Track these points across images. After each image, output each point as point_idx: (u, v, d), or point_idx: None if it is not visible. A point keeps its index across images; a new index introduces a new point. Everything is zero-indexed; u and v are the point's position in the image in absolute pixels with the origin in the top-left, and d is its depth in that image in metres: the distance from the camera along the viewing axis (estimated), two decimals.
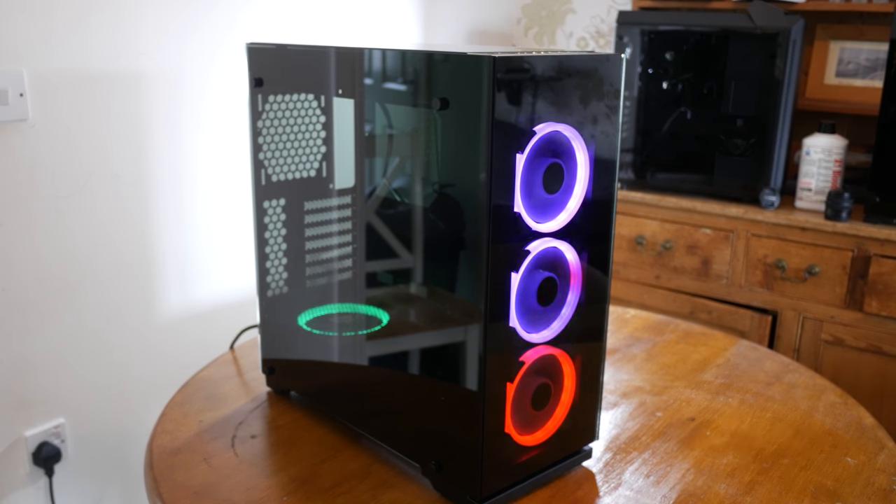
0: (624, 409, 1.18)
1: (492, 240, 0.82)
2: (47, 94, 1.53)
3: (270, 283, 1.14)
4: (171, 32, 1.71)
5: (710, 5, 2.22)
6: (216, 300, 1.92)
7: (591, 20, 2.63)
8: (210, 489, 0.95)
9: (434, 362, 0.93)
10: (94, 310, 1.68)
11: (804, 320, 1.98)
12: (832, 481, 1.00)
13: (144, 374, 1.79)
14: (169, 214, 1.78)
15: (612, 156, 0.92)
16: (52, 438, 1.65)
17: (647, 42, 2.14)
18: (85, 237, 1.64)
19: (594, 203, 0.91)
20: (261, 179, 1.10)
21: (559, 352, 0.93)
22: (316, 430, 1.09)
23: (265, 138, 1.08)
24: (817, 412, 1.18)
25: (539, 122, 0.83)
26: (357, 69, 0.94)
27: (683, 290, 2.15)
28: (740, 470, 1.02)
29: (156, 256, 1.78)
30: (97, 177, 1.64)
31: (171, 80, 1.73)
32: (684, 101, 2.11)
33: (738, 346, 1.42)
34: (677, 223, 2.13)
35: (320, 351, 1.09)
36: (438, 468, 0.92)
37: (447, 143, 0.85)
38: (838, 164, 1.97)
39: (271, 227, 1.11)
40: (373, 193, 0.97)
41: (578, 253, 0.91)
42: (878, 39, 2.13)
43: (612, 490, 0.97)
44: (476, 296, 0.84)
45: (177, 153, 1.77)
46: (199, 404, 1.16)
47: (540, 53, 0.82)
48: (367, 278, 1.01)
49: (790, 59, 1.93)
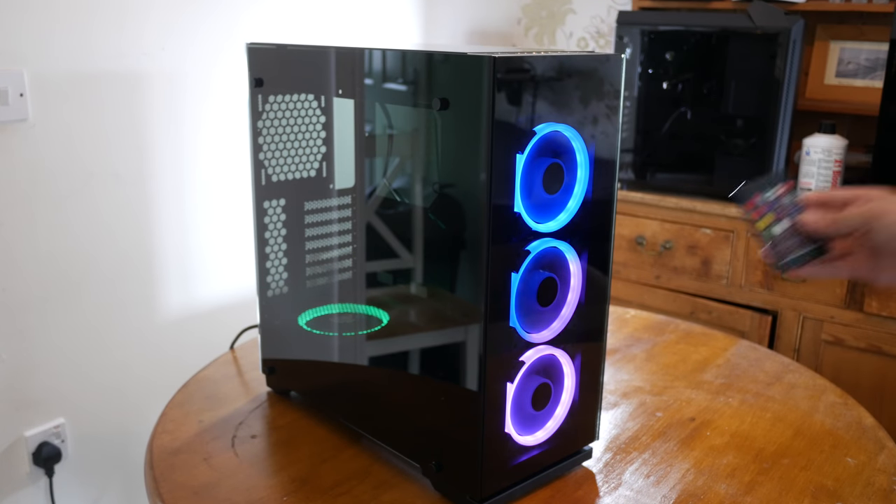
0: (624, 409, 1.18)
1: (492, 240, 0.82)
2: (47, 94, 1.53)
3: (270, 283, 1.14)
4: (171, 32, 1.71)
5: (710, 5, 2.22)
6: (216, 300, 1.92)
7: (591, 20, 2.63)
8: (210, 489, 0.95)
9: (434, 362, 0.93)
10: (94, 310, 1.68)
11: (804, 320, 1.98)
12: (832, 481, 1.00)
13: (145, 374, 1.79)
14: (169, 214, 1.78)
15: (612, 156, 0.92)
16: (53, 438, 1.65)
17: (647, 42, 2.14)
18: (85, 237, 1.64)
19: (594, 203, 0.91)
20: (261, 179, 1.10)
21: (559, 352, 0.93)
22: (316, 430, 1.09)
23: (265, 138, 1.08)
24: (817, 412, 1.18)
25: (539, 122, 0.83)
26: (357, 69, 0.94)
27: (683, 290, 2.15)
28: (740, 470, 1.02)
29: (156, 256, 1.78)
30: (97, 177, 1.64)
31: (172, 80, 1.73)
32: (684, 101, 2.11)
33: (738, 346, 1.42)
34: (677, 223, 2.13)
35: (320, 351, 1.09)
36: (438, 468, 0.92)
37: (447, 143, 0.85)
38: (838, 164, 1.96)
39: (271, 227, 1.12)
40: (373, 193, 0.97)
41: (578, 253, 0.91)
42: (878, 39, 2.13)
43: (612, 490, 0.97)
44: (476, 296, 0.84)
45: (177, 153, 1.77)
46: (200, 404, 1.16)
47: (540, 53, 0.82)
48: (367, 278, 1.01)
49: (790, 59, 1.93)
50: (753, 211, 0.85)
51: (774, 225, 0.83)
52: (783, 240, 0.83)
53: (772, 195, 0.84)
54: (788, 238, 0.83)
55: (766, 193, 0.85)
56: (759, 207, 0.84)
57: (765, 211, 0.84)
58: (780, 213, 0.83)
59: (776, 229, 0.83)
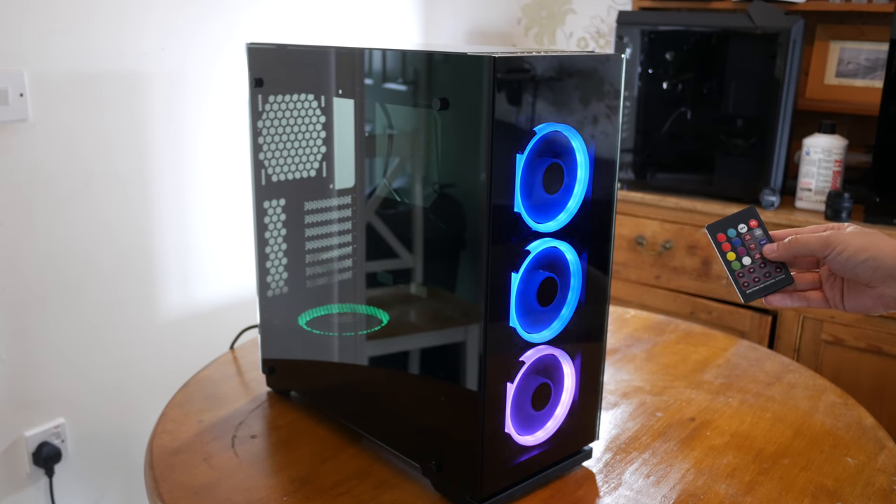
0: (624, 409, 1.18)
1: (492, 240, 0.82)
2: (47, 94, 1.53)
3: (270, 283, 1.14)
4: (171, 32, 1.71)
5: (710, 5, 2.22)
6: (216, 300, 1.92)
7: (591, 20, 2.63)
8: (210, 489, 0.95)
9: (434, 362, 0.93)
10: (94, 310, 1.68)
11: (804, 320, 1.98)
12: (832, 481, 1.00)
13: (145, 374, 1.79)
14: (169, 214, 1.78)
15: (612, 156, 0.92)
16: (53, 438, 1.65)
17: (647, 42, 2.14)
18: (85, 237, 1.64)
19: (594, 203, 0.91)
20: (261, 179, 1.10)
21: (559, 352, 0.93)
22: (316, 430, 1.09)
23: (265, 138, 1.08)
24: (817, 412, 1.18)
25: (539, 122, 0.83)
26: (357, 69, 0.94)
27: (683, 290, 2.15)
28: (740, 470, 1.02)
29: (156, 256, 1.78)
30: (97, 177, 1.64)
31: (172, 81, 1.73)
32: (684, 101, 2.11)
33: (738, 346, 1.42)
34: (677, 223, 2.13)
35: (320, 351, 1.09)
36: (438, 468, 0.92)
37: (447, 143, 0.85)
38: (838, 164, 1.96)
39: (271, 227, 1.12)
40: (373, 193, 0.97)
41: (578, 253, 0.91)
42: (878, 39, 2.13)
43: (612, 490, 0.97)
44: (476, 296, 0.84)
45: (177, 153, 1.77)
46: (200, 404, 1.16)
47: (540, 53, 0.82)
48: (367, 278, 1.01)
49: (790, 59, 1.93)
50: (725, 243, 0.90)
51: (743, 257, 0.88)
52: (750, 271, 0.88)
53: (743, 229, 0.89)
54: (755, 270, 0.88)
55: (737, 227, 0.90)
56: (730, 240, 0.90)
57: (735, 244, 0.89)
58: (749, 246, 0.89)
59: (745, 260, 0.88)
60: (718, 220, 0.90)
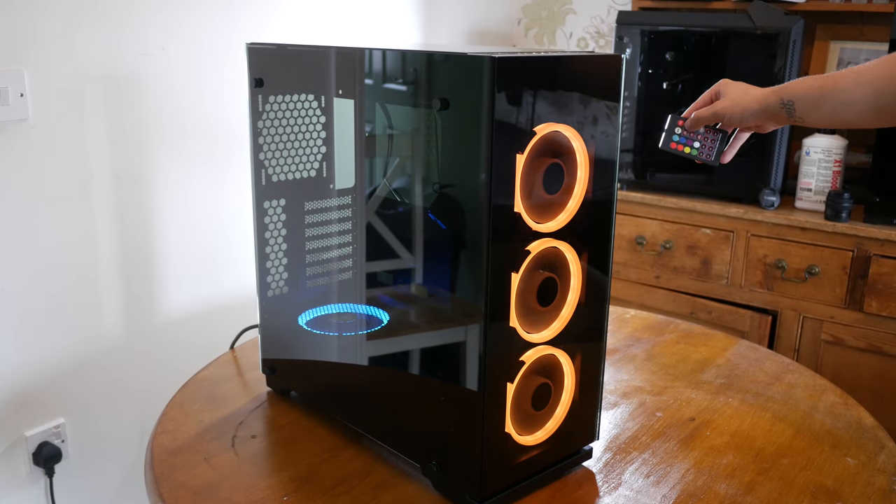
0: (624, 409, 1.18)
1: (492, 240, 0.82)
2: (47, 94, 1.53)
3: (270, 283, 1.14)
4: (171, 33, 1.71)
5: (710, 5, 2.22)
6: (216, 300, 1.92)
7: (591, 20, 2.63)
8: (210, 489, 0.95)
9: (434, 362, 0.93)
10: (94, 310, 1.68)
11: (804, 320, 1.98)
12: (832, 481, 1.00)
13: (145, 374, 1.79)
14: (169, 215, 1.78)
15: (612, 156, 0.92)
16: (52, 438, 1.65)
17: (646, 42, 2.14)
18: (85, 237, 1.64)
19: (594, 203, 0.91)
20: (261, 179, 1.10)
21: (559, 352, 0.93)
22: (316, 430, 1.09)
23: (265, 138, 1.08)
24: (817, 412, 1.18)
25: (539, 122, 0.83)
26: (357, 69, 0.94)
27: (683, 290, 2.15)
28: (740, 470, 1.02)
29: (156, 256, 1.78)
30: (97, 177, 1.64)
31: (172, 81, 1.73)
32: (684, 101, 2.10)
33: (738, 346, 1.42)
34: (677, 223, 2.13)
35: (320, 351, 1.09)
36: (439, 468, 0.92)
37: (447, 143, 0.85)
38: (838, 164, 1.97)
39: (271, 227, 1.12)
40: (373, 193, 0.97)
41: (578, 253, 0.92)
42: (878, 39, 2.13)
43: (612, 490, 0.97)
44: (476, 296, 0.84)
45: (177, 153, 1.77)
46: (200, 404, 1.16)
47: (540, 54, 0.82)
48: (367, 278, 1.01)
49: (790, 59, 1.93)
50: (678, 145, 1.19)
51: (693, 143, 1.18)
52: (704, 147, 1.18)
53: (679, 131, 1.18)
54: (705, 145, 1.18)
55: (676, 132, 1.19)
56: (679, 144, 1.19)
57: (682, 141, 1.19)
58: (691, 136, 1.18)
59: (696, 145, 1.18)
60: (662, 139, 1.19)
